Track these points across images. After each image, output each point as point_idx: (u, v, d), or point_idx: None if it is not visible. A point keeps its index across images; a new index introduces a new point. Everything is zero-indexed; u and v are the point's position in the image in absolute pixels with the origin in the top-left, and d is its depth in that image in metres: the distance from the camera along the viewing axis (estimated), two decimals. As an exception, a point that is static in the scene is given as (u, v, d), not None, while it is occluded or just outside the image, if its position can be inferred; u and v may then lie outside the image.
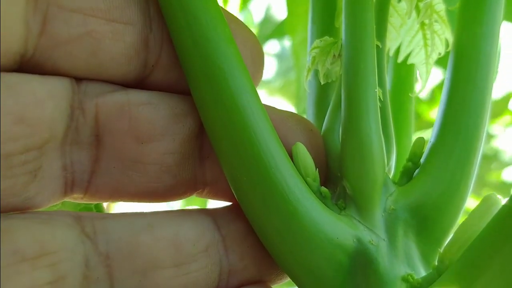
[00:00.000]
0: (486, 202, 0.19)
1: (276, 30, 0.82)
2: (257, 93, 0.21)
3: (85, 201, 0.22)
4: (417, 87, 0.35)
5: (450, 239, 0.20)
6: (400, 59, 0.30)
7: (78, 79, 0.21)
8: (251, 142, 0.21)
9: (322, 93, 0.28)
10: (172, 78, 0.22)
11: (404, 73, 0.34)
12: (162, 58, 0.22)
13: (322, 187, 0.23)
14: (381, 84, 0.25)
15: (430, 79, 0.28)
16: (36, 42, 0.19)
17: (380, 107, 0.23)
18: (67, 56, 0.20)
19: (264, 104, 0.22)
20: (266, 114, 0.21)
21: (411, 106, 0.34)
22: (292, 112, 0.23)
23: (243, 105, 0.21)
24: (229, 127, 0.21)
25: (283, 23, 0.78)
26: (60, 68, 0.20)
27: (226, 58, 0.20)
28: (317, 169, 0.23)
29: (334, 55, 0.25)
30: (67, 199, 0.22)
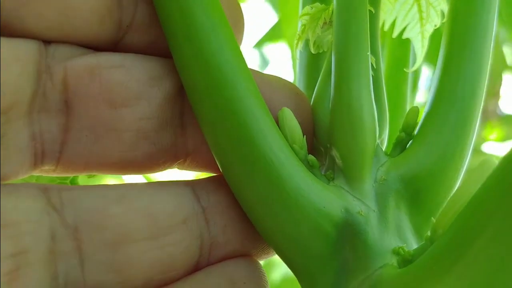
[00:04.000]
0: (482, 166, 0.18)
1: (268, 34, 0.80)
2: (241, 53, 0.20)
3: (57, 174, 0.21)
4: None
5: (444, 207, 0.19)
6: (395, 33, 0.29)
7: (47, 42, 0.20)
8: (233, 103, 0.19)
9: (313, 64, 0.27)
10: (148, 40, 0.21)
11: (399, 50, 0.33)
12: (137, 18, 0.20)
13: (310, 155, 0.21)
14: (374, 51, 0.24)
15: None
16: (1, 1, 0.18)
17: (373, 76, 0.22)
18: (35, 15, 0.19)
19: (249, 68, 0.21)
20: (251, 75, 0.20)
21: (406, 83, 0.33)
22: (278, 76, 0.22)
23: (226, 63, 0.19)
24: (210, 86, 0.19)
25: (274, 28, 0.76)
26: (28, 29, 0.19)
27: (207, 12, 0.19)
28: (305, 136, 0.21)
29: (325, 22, 0.24)
30: (38, 172, 0.21)
